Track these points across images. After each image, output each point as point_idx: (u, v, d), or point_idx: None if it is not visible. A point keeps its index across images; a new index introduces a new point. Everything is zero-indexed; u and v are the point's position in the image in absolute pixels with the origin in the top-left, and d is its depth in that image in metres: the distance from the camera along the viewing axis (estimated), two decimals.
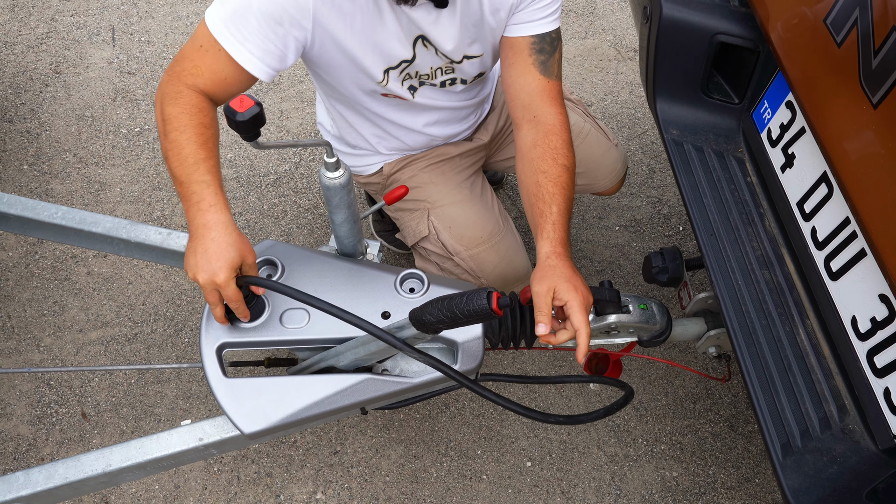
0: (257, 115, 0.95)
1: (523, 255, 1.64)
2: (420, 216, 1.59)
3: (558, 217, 1.21)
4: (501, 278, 1.61)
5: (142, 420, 1.82)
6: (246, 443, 1.27)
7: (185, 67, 1.18)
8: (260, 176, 2.33)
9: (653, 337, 1.36)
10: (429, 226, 1.58)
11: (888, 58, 0.92)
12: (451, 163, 1.64)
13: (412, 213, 1.62)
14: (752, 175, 1.37)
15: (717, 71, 1.43)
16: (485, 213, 1.59)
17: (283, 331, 1.25)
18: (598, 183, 1.78)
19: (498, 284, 1.61)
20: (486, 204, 1.63)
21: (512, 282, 1.63)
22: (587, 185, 1.80)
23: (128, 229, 1.44)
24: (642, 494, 1.78)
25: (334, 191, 1.22)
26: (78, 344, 1.94)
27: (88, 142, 2.37)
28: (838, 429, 1.07)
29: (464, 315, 0.98)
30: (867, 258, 1.02)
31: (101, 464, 1.18)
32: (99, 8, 2.76)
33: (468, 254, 1.56)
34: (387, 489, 1.76)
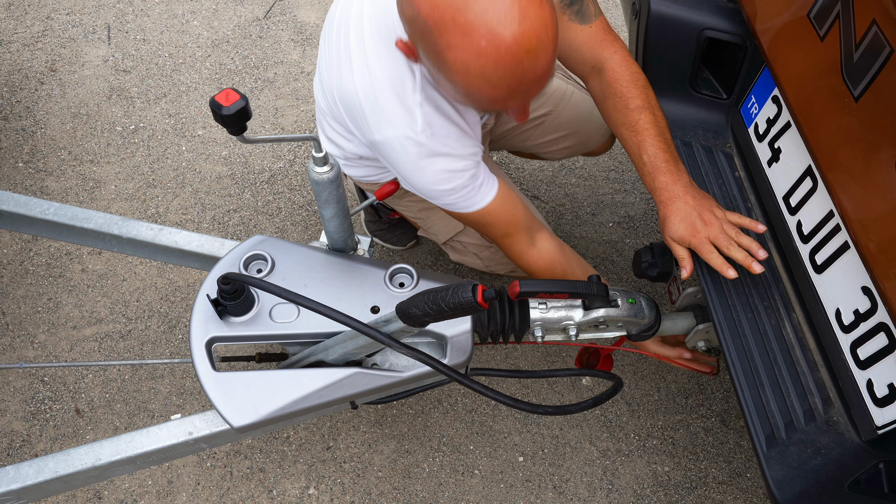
0: (243, 110, 0.95)
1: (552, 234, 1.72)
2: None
3: (654, 158, 1.24)
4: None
5: (135, 416, 1.83)
6: (236, 437, 1.28)
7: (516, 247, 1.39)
8: (254, 173, 2.34)
9: (641, 331, 1.37)
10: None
11: (869, 51, 0.92)
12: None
13: (440, 211, 1.62)
14: (740, 170, 1.38)
15: (705, 66, 1.43)
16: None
17: (272, 325, 1.26)
18: (591, 140, 1.80)
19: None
20: (510, 184, 1.66)
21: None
22: (580, 145, 1.82)
23: (119, 225, 1.44)
24: (634, 489, 1.79)
25: (323, 185, 1.23)
26: (72, 340, 1.95)
27: (83, 139, 2.38)
28: (822, 421, 1.07)
29: (449, 308, 0.98)
30: (850, 251, 1.03)
31: (91, 458, 1.19)
32: (94, 6, 2.77)
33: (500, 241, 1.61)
34: (379, 484, 1.77)
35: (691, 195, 1.22)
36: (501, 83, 0.98)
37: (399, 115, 1.20)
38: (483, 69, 0.96)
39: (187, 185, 2.30)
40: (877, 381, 0.99)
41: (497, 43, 0.94)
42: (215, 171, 2.34)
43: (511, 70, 0.97)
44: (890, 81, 0.90)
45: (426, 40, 1.00)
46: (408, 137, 1.20)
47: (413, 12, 0.99)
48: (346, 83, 1.25)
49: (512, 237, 1.39)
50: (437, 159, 1.23)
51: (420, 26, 0.99)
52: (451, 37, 0.95)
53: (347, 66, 1.23)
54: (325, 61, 1.35)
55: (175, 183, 2.30)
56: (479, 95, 1.02)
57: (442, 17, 0.95)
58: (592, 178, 2.38)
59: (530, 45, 0.94)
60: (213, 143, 2.40)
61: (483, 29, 0.93)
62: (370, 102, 1.21)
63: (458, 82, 1.01)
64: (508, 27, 0.93)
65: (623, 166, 2.42)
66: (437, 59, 1.00)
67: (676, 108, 1.45)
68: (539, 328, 1.32)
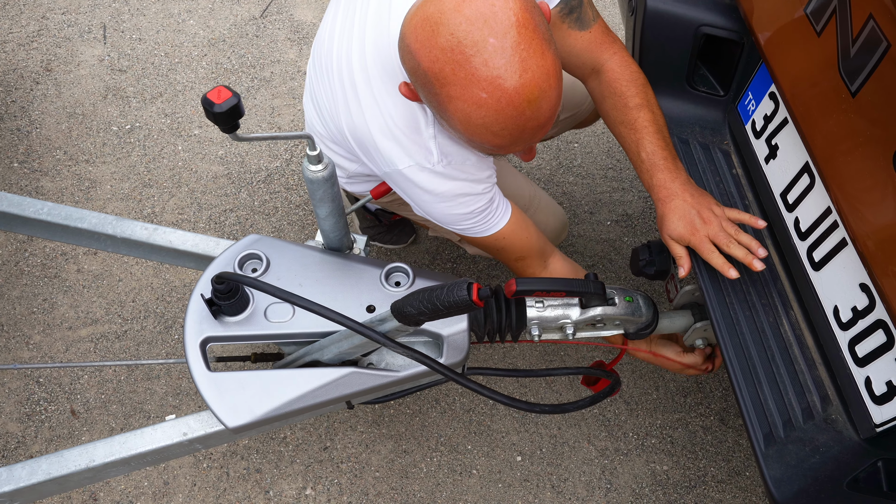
0: (235, 107, 0.94)
1: (557, 204, 1.74)
2: None
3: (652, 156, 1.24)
4: (554, 232, 1.70)
5: (131, 417, 1.82)
6: (230, 437, 1.27)
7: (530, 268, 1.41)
8: (251, 172, 2.33)
9: (639, 329, 1.36)
10: None
11: (866, 46, 0.92)
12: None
13: None
14: (737, 167, 1.37)
15: (702, 63, 1.42)
16: (516, 181, 1.65)
17: (267, 325, 1.25)
18: (581, 109, 1.81)
19: (551, 239, 1.69)
20: (511, 172, 1.68)
21: (561, 232, 1.73)
22: (572, 118, 1.84)
23: (114, 225, 1.43)
24: (633, 488, 1.78)
25: (318, 184, 1.22)
26: (67, 341, 1.94)
27: (79, 139, 2.37)
28: (821, 419, 1.07)
29: (444, 307, 0.97)
30: (848, 248, 1.02)
31: (85, 459, 1.18)
32: (90, 5, 2.76)
33: None
34: (377, 484, 1.76)
35: (689, 193, 1.21)
36: (504, 132, 0.98)
37: (414, 149, 1.20)
38: (484, 120, 0.97)
39: (183, 184, 2.29)
40: (875, 378, 0.98)
41: (498, 95, 0.93)
42: (212, 170, 2.33)
43: (513, 120, 0.96)
44: (887, 76, 0.89)
45: (427, 90, 1.00)
46: (424, 168, 1.21)
47: (413, 64, 0.99)
48: (357, 119, 1.25)
49: (525, 260, 1.40)
50: (455, 185, 1.23)
51: (421, 77, 0.99)
52: (452, 88, 0.95)
53: (356, 103, 1.22)
54: (325, 93, 1.33)
55: (171, 183, 2.29)
56: (482, 143, 1.03)
57: (442, 69, 0.94)
58: (590, 176, 2.38)
59: (532, 95, 0.94)
60: (209, 143, 2.39)
61: (484, 82, 0.93)
62: (384, 137, 1.21)
63: (461, 131, 1.01)
64: (509, 79, 0.93)
65: (621, 164, 2.41)
66: (439, 108, 1.00)
67: (673, 106, 1.44)
68: (536, 327, 1.31)
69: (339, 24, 1.28)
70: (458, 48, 0.92)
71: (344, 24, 1.27)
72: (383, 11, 1.18)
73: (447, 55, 0.93)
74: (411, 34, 0.98)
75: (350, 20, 1.25)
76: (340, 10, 1.30)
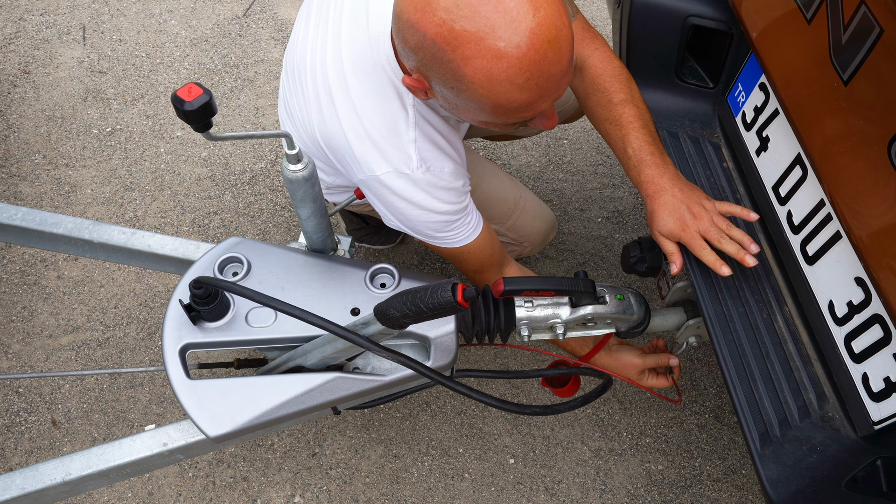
0: (206, 105, 0.90)
1: (544, 205, 1.72)
2: None
3: (639, 151, 1.22)
4: (541, 234, 1.69)
5: (114, 426, 1.78)
6: (212, 447, 1.23)
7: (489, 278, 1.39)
8: (235, 174, 2.29)
9: (631, 328, 1.33)
10: None
11: (857, 33, 0.89)
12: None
13: None
14: (728, 160, 1.34)
15: (690, 55, 1.40)
16: (501, 184, 1.64)
17: (248, 330, 1.21)
18: (565, 107, 1.79)
19: (539, 240, 1.70)
20: (495, 174, 1.66)
21: (548, 234, 1.72)
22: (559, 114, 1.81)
23: (90, 230, 1.39)
24: (628, 489, 1.76)
25: (298, 184, 1.18)
26: (48, 350, 1.90)
27: (58, 143, 2.32)
28: (817, 417, 1.04)
29: (428, 308, 0.94)
30: (842, 241, 0.99)
31: (61, 473, 1.14)
32: (69, 6, 2.71)
33: (506, 227, 1.63)
34: (367, 490, 1.72)
35: (679, 188, 1.18)
36: (530, 83, 0.91)
37: (393, 153, 1.16)
38: (508, 72, 0.89)
39: (166, 187, 2.24)
40: (872, 374, 0.96)
41: (517, 40, 0.87)
42: (195, 172, 2.28)
43: (537, 66, 0.89)
44: (880, 63, 0.86)
45: (439, 62, 0.92)
46: (402, 174, 1.17)
47: (418, 37, 0.92)
48: (331, 124, 1.20)
49: (484, 273, 1.38)
50: (432, 193, 1.20)
51: (429, 49, 0.92)
52: (466, 48, 0.88)
53: (330, 107, 1.18)
54: (297, 99, 1.29)
55: (153, 186, 2.24)
56: (508, 104, 0.94)
57: (451, 30, 0.88)
58: (580, 172, 2.35)
59: (550, 34, 0.88)
60: (192, 145, 2.34)
61: (500, 29, 0.86)
62: (360, 141, 1.17)
63: (484, 96, 0.93)
64: (524, 20, 0.86)
65: (611, 160, 2.38)
66: (456, 78, 0.93)
67: (662, 99, 1.41)
68: (525, 327, 1.28)
69: (312, 31, 1.24)
70: (464, 1, 0.87)
71: (317, 29, 1.23)
72: (360, 11, 1.15)
73: (454, 12, 0.87)
74: (408, 7, 0.92)
75: (323, 26, 1.21)
76: (312, 16, 1.26)
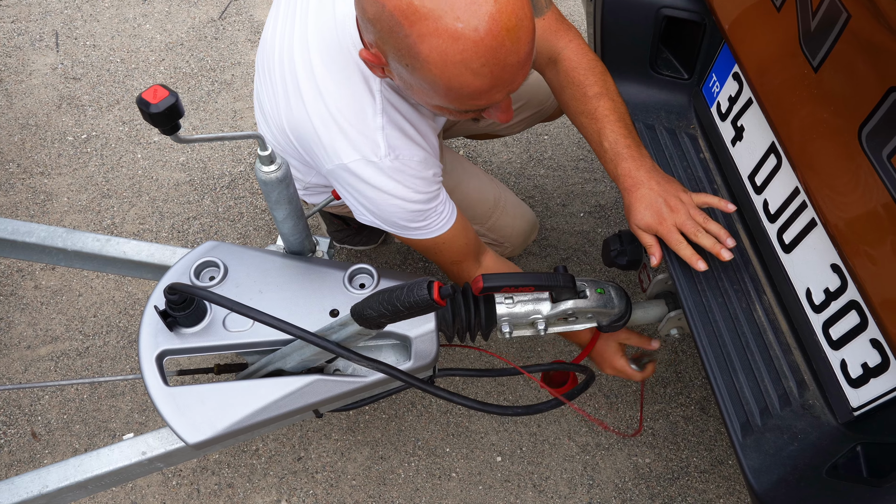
0: (173, 107, 0.89)
1: (525, 205, 1.72)
2: None
3: (615, 145, 1.21)
4: (522, 234, 1.69)
5: (95, 436, 1.75)
6: (193, 454, 1.21)
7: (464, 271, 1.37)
8: (214, 178, 2.26)
9: (612, 321, 1.33)
10: None
11: (826, 19, 0.89)
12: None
13: None
14: (704, 151, 1.34)
15: (665, 46, 1.39)
16: (481, 185, 1.63)
17: (226, 335, 1.20)
18: (546, 105, 1.79)
19: (520, 240, 1.69)
20: (475, 174, 1.65)
21: (529, 233, 1.72)
22: (538, 114, 1.81)
23: (64, 238, 1.37)
24: (615, 483, 1.75)
25: (272, 185, 1.17)
26: (26, 361, 1.87)
27: (33, 151, 2.29)
28: (798, 405, 1.04)
29: (405, 307, 0.93)
30: (817, 228, 0.99)
31: (37, 485, 1.12)
32: (41, 13, 2.67)
33: (486, 227, 1.63)
34: (354, 493, 1.71)
35: (656, 180, 1.18)
36: (484, 70, 0.90)
37: (360, 140, 1.14)
38: (463, 55, 0.88)
39: (144, 193, 2.21)
40: (850, 360, 0.96)
41: (475, 24, 0.85)
42: (173, 177, 2.26)
43: (493, 53, 0.88)
44: (848, 49, 0.86)
45: (395, 37, 0.91)
46: (370, 162, 1.14)
47: (376, 9, 0.90)
48: (297, 112, 1.18)
49: (461, 264, 1.36)
50: (402, 183, 1.17)
51: (386, 22, 0.90)
52: (423, 24, 0.86)
53: (296, 95, 1.16)
54: (267, 94, 1.28)
55: (131, 192, 2.21)
56: (461, 89, 0.92)
57: (410, 4, 0.86)
58: (562, 168, 2.35)
59: (510, 23, 0.86)
60: (169, 150, 2.32)
61: (458, 10, 0.85)
62: (327, 129, 1.15)
63: (437, 77, 0.91)
64: (484, 5, 0.85)
65: (592, 155, 2.38)
66: (410, 55, 0.91)
67: (638, 91, 1.41)
68: (507, 324, 1.27)
69: (281, 23, 1.24)
70: None
71: (286, 21, 1.22)
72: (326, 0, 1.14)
73: None
74: None
75: (291, 16, 1.20)
76: (281, 9, 1.25)
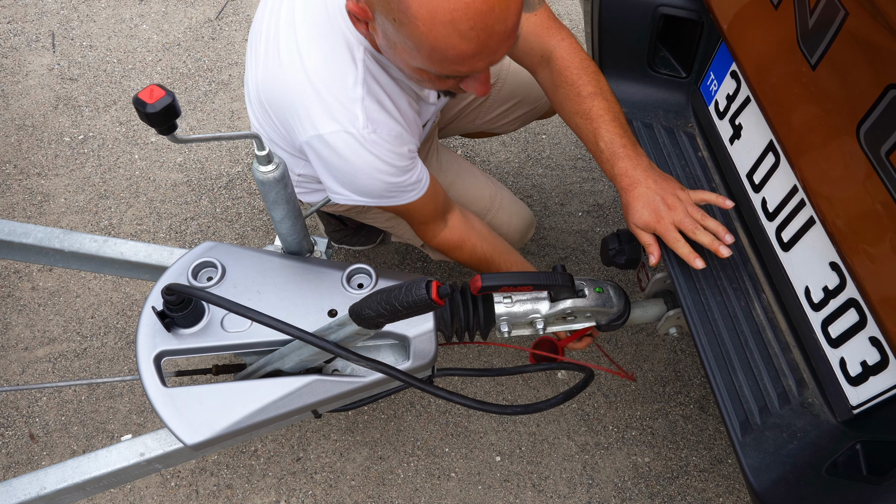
0: (169, 107, 0.88)
1: (522, 203, 1.71)
2: None
3: (611, 144, 1.21)
4: (519, 232, 1.68)
5: (93, 438, 1.75)
6: (191, 455, 1.21)
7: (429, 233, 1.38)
8: (211, 178, 2.26)
9: (611, 320, 1.33)
10: None
11: (824, 16, 0.89)
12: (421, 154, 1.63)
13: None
14: (702, 150, 1.34)
15: (662, 45, 1.39)
16: (476, 182, 1.64)
17: (224, 335, 1.19)
18: (541, 103, 1.79)
19: (517, 238, 1.67)
20: (471, 172, 1.66)
21: (526, 231, 1.70)
22: (532, 111, 1.81)
23: (61, 238, 1.37)
24: (615, 482, 1.75)
25: (269, 185, 1.16)
26: (24, 363, 1.86)
27: (29, 152, 2.28)
28: (797, 403, 1.04)
29: (403, 307, 0.93)
30: (816, 226, 0.99)
31: (35, 487, 1.12)
32: (37, 13, 2.66)
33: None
34: (353, 493, 1.71)
35: (653, 179, 1.18)
36: (471, 33, 0.91)
37: (338, 110, 1.13)
38: (452, 15, 0.88)
39: (141, 194, 2.21)
40: (849, 359, 0.96)
41: None
42: (170, 178, 2.25)
43: (483, 17, 0.89)
44: (846, 46, 0.86)
45: None
46: (348, 133, 1.14)
47: None
48: (274, 79, 1.17)
49: (428, 224, 1.37)
50: (382, 156, 1.17)
51: None
52: None
53: (276, 61, 1.16)
54: (249, 63, 1.27)
55: (128, 193, 2.21)
56: (445, 51, 0.93)
57: None
58: (559, 167, 2.34)
59: None
60: (167, 150, 2.31)
61: None
62: (303, 95, 1.14)
63: (423, 35, 0.92)
64: None
65: (590, 154, 2.38)
66: (399, 9, 0.91)
67: (635, 90, 1.41)
68: (505, 323, 1.27)
69: (270, 4, 1.24)
70: None
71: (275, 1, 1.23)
72: None
73: None
74: None
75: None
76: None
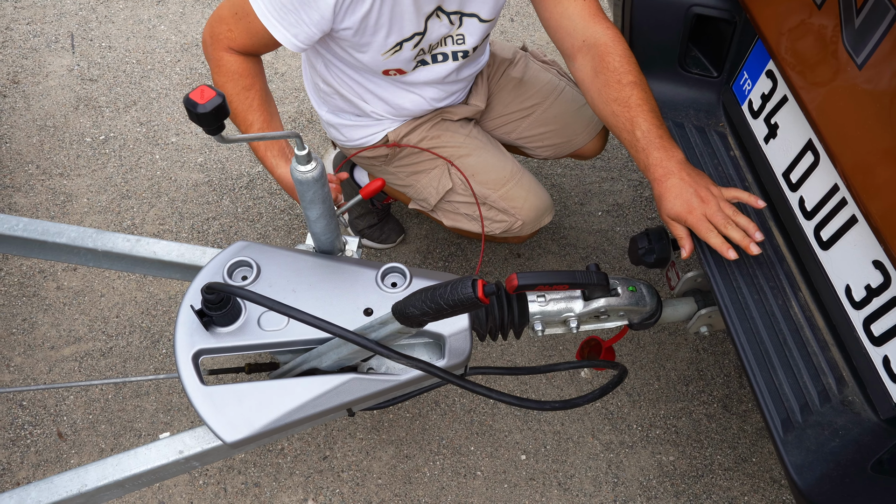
0: (220, 107, 0.89)
1: (543, 188, 1.73)
2: (439, 173, 1.66)
3: (648, 134, 1.21)
4: (534, 209, 1.69)
5: (121, 436, 1.75)
6: (229, 452, 1.22)
7: (221, 31, 1.32)
8: (232, 179, 2.27)
9: (643, 319, 1.33)
10: (452, 179, 1.66)
11: (872, 15, 0.89)
12: (455, 124, 1.71)
13: (428, 173, 1.68)
14: (734, 149, 1.35)
15: (693, 44, 1.40)
16: (501, 156, 1.69)
17: (261, 334, 1.20)
18: (576, 139, 1.80)
19: (532, 217, 1.68)
20: (498, 148, 1.72)
21: (542, 213, 1.71)
22: (565, 143, 1.82)
23: (94, 238, 1.37)
24: (640, 481, 1.76)
25: (307, 185, 1.17)
26: (50, 362, 1.87)
27: (51, 152, 2.29)
28: (838, 401, 1.04)
29: (448, 305, 0.93)
30: (859, 224, 1.00)
31: (77, 484, 1.12)
32: (56, 14, 2.67)
33: (498, 194, 1.64)
34: (379, 492, 1.71)
35: (686, 171, 1.18)
36: None
37: None
38: None
39: (163, 194, 2.22)
40: (893, 356, 0.96)
41: None
42: (192, 178, 2.26)
43: None
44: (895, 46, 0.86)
45: None
46: None
47: None
48: None
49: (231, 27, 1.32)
50: None
51: None
52: None
53: None
54: None
55: (150, 193, 2.22)
56: None
57: None
58: (579, 167, 2.35)
59: None
60: (187, 150, 2.32)
61: None
62: None
63: None
64: None
65: (609, 154, 2.39)
66: None
67: (666, 89, 1.41)
68: (539, 322, 1.28)
69: None
70: None
71: None
72: None
73: None
74: None
75: None
76: None
